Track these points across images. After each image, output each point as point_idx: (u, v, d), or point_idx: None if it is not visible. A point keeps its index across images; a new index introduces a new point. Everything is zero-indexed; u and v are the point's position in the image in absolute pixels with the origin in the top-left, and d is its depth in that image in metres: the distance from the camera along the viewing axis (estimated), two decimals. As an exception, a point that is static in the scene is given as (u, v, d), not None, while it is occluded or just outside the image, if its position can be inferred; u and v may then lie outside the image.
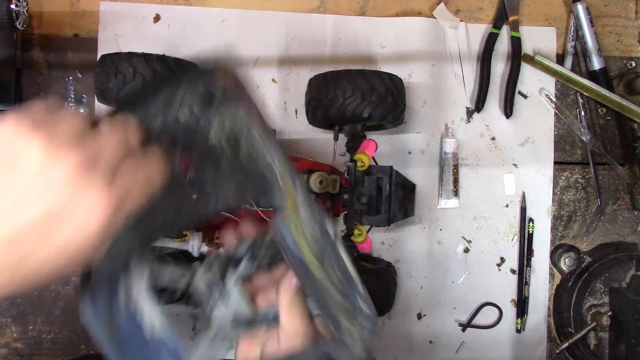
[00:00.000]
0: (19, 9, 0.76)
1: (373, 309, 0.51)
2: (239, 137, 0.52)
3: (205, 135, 0.51)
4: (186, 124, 0.50)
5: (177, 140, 0.51)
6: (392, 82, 0.83)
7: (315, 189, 0.81)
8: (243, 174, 0.53)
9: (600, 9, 1.02)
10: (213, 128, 0.51)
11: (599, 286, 0.97)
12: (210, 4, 0.95)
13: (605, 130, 1.02)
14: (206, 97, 0.50)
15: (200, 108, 0.50)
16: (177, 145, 0.51)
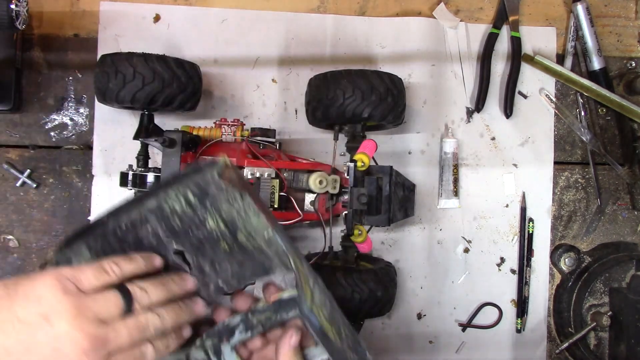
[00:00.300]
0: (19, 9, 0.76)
1: (370, 357, 0.57)
2: (237, 220, 0.55)
3: (203, 220, 0.55)
4: (182, 213, 0.55)
5: (174, 227, 0.56)
6: (392, 82, 0.83)
7: (315, 189, 0.81)
8: (243, 252, 0.57)
9: (600, 9, 1.02)
10: (210, 214, 0.55)
11: (599, 286, 0.97)
12: (210, 4, 0.95)
13: (605, 130, 1.02)
14: (200, 189, 0.55)
15: (195, 197, 0.55)
16: (175, 233, 0.56)
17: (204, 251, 0.57)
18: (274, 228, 0.54)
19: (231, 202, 0.55)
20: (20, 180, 0.91)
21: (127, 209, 0.56)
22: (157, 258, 0.56)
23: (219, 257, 0.57)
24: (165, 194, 0.55)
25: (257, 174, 0.80)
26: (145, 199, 0.56)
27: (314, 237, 0.95)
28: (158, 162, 0.83)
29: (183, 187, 0.55)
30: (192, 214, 0.55)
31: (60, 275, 0.48)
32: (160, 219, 0.56)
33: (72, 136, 0.93)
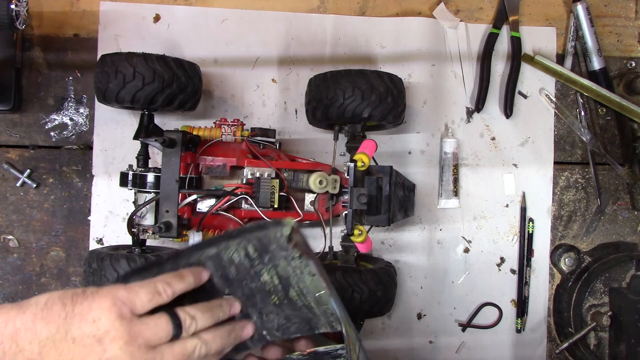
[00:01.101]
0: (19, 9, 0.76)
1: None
2: (291, 277, 0.58)
3: (258, 273, 0.58)
4: (239, 263, 0.58)
5: (229, 276, 0.58)
6: (392, 82, 0.83)
7: (315, 189, 0.81)
8: (292, 308, 0.59)
9: (600, 9, 1.02)
10: (266, 268, 0.58)
11: (599, 286, 0.97)
12: (210, 4, 0.95)
13: (605, 130, 1.02)
14: (262, 244, 0.57)
15: (255, 252, 0.57)
16: (228, 281, 0.59)
17: (254, 301, 0.60)
18: (330, 292, 0.57)
19: (288, 261, 0.57)
20: (20, 180, 0.91)
21: (188, 254, 0.58)
22: (204, 272, 0.58)
23: (268, 308, 0.60)
24: (227, 245, 0.58)
25: (257, 174, 0.80)
26: (206, 246, 0.58)
27: (314, 237, 0.95)
28: (158, 162, 0.83)
29: (245, 241, 0.57)
30: (249, 266, 0.58)
31: (116, 298, 0.49)
32: (217, 266, 0.59)
33: (72, 136, 0.93)
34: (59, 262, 0.92)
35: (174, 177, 0.75)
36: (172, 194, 0.75)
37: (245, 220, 0.81)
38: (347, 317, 0.58)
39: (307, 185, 0.81)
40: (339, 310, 0.57)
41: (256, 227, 0.57)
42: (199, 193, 0.79)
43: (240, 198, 0.79)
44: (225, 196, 0.78)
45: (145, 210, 0.79)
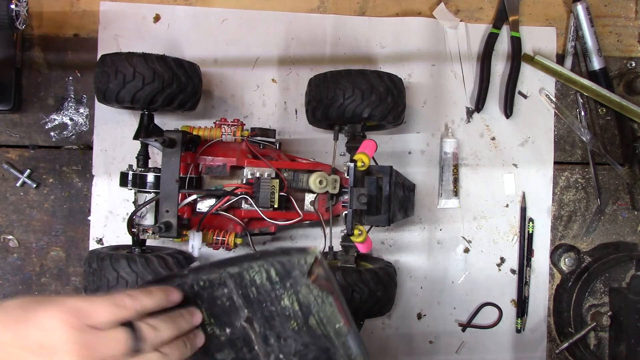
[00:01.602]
0: (19, 9, 0.76)
1: None
2: (312, 305, 0.58)
3: (279, 297, 0.58)
4: (261, 285, 0.58)
5: (250, 296, 0.59)
6: (392, 82, 0.83)
7: (315, 189, 0.81)
8: (310, 335, 0.59)
9: (600, 9, 1.02)
10: (288, 293, 0.58)
11: (599, 286, 0.97)
12: (210, 4, 0.95)
13: (605, 130, 1.02)
14: (285, 269, 0.57)
15: (277, 275, 0.58)
16: (249, 301, 0.59)
17: (272, 324, 0.60)
18: (349, 328, 0.58)
19: (310, 289, 0.58)
20: (20, 180, 0.91)
21: (209, 269, 0.58)
22: (175, 293, 0.57)
23: (286, 333, 0.60)
24: (249, 265, 0.58)
25: (257, 174, 0.80)
26: (228, 264, 0.58)
27: (314, 237, 0.95)
28: (158, 162, 0.83)
29: (268, 264, 0.58)
30: (270, 288, 0.58)
31: (72, 308, 0.48)
32: (238, 286, 0.59)
33: (72, 136, 0.93)
34: (59, 262, 0.92)
35: (174, 177, 0.75)
36: (172, 194, 0.75)
37: (245, 220, 0.81)
38: (364, 353, 0.58)
39: (307, 185, 0.81)
40: (356, 349, 0.58)
41: (280, 252, 0.58)
42: (199, 193, 0.80)
43: (240, 198, 0.79)
44: (225, 196, 0.78)
45: (145, 210, 0.79)
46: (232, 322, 0.60)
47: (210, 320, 0.60)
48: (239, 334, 0.60)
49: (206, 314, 0.60)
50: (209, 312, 0.60)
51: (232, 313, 0.60)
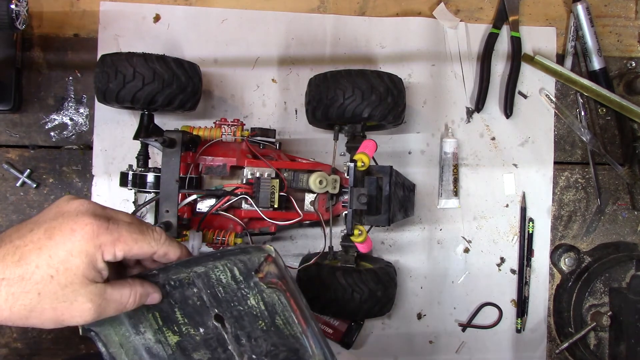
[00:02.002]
0: (19, 9, 0.76)
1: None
2: (277, 305, 0.59)
3: (245, 296, 0.59)
4: (227, 284, 0.59)
5: (218, 295, 0.59)
6: (392, 82, 0.83)
7: (315, 189, 0.81)
8: (279, 336, 0.60)
9: (600, 9, 1.02)
10: (252, 292, 0.59)
11: (599, 286, 0.97)
12: (210, 4, 0.95)
13: (605, 130, 1.02)
14: (247, 268, 0.58)
15: (241, 275, 0.58)
16: (218, 301, 0.60)
17: (242, 324, 0.61)
18: (306, 329, 0.58)
19: (277, 295, 0.59)
20: (20, 180, 0.91)
21: (177, 269, 0.58)
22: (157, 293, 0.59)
23: (256, 333, 0.60)
24: (214, 265, 0.59)
25: (257, 174, 0.80)
26: (194, 263, 0.59)
27: (314, 237, 0.95)
28: (158, 162, 0.83)
29: (231, 263, 0.58)
30: (236, 288, 0.59)
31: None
32: (206, 285, 0.59)
33: (72, 136, 0.93)
34: (59, 262, 0.92)
35: (174, 177, 0.75)
36: (172, 194, 0.75)
37: (245, 220, 0.81)
38: (325, 353, 0.58)
39: (307, 185, 0.81)
40: (312, 346, 0.58)
41: (239, 251, 0.58)
42: (199, 193, 0.79)
43: (240, 198, 0.79)
44: (225, 196, 0.78)
45: (145, 210, 0.79)
46: (204, 322, 0.60)
47: (185, 320, 0.60)
48: (212, 333, 0.61)
49: (180, 314, 0.60)
50: (182, 312, 0.60)
51: (203, 312, 0.60)
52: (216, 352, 0.61)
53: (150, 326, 0.60)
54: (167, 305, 0.59)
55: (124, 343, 0.60)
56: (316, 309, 0.84)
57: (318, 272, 0.82)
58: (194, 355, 0.61)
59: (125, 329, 0.60)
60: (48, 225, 0.51)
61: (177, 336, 0.61)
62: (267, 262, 0.57)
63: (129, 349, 0.60)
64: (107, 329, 0.59)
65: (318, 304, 0.82)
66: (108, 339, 0.59)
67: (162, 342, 0.61)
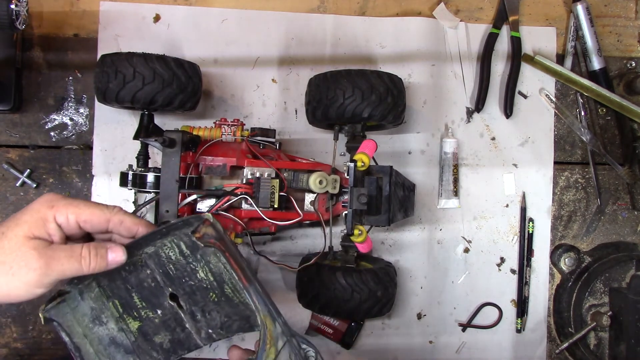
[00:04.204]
0: (19, 9, 0.76)
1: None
2: (223, 274, 0.61)
3: (194, 270, 0.61)
4: (176, 260, 0.60)
5: (170, 273, 0.61)
6: (392, 82, 0.83)
7: (315, 189, 0.81)
8: (230, 305, 0.62)
9: (600, 9, 1.02)
10: (200, 264, 0.61)
11: (599, 286, 0.97)
12: (210, 4, 0.95)
13: (605, 130, 1.02)
14: (192, 241, 0.60)
15: (188, 249, 0.60)
16: (170, 279, 0.61)
17: (195, 299, 0.62)
18: (248, 285, 0.59)
19: (218, 257, 0.60)
20: (20, 180, 0.91)
21: (129, 252, 0.59)
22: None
23: (209, 306, 0.62)
24: (162, 243, 0.60)
25: (257, 174, 0.80)
26: (144, 244, 0.60)
27: (314, 237, 0.95)
28: (158, 162, 0.83)
29: (177, 238, 0.60)
30: (185, 263, 0.61)
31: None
32: (157, 265, 0.61)
33: (72, 136, 0.93)
34: (59, 262, 0.92)
35: (174, 177, 0.75)
36: (172, 194, 0.75)
37: (245, 220, 0.81)
38: (270, 311, 0.59)
39: (307, 185, 0.81)
40: (256, 302, 0.58)
41: (182, 223, 0.59)
42: (199, 193, 0.79)
43: (240, 198, 0.79)
44: (225, 196, 0.78)
45: (145, 210, 0.79)
46: (161, 303, 0.62)
47: (143, 304, 0.61)
48: (170, 314, 0.62)
49: (137, 298, 0.61)
50: (140, 296, 0.61)
51: (159, 293, 0.61)
52: (175, 332, 0.62)
53: (111, 315, 0.61)
54: (124, 292, 0.61)
55: (88, 334, 0.61)
56: (316, 309, 0.84)
57: (318, 272, 0.82)
58: (155, 339, 0.62)
59: (88, 320, 0.61)
60: None
61: (138, 321, 0.62)
62: (205, 224, 0.59)
63: (93, 339, 0.61)
64: (69, 320, 0.60)
65: (318, 304, 0.82)
66: (71, 329, 0.60)
67: (125, 330, 0.62)
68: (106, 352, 0.61)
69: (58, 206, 0.54)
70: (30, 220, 0.53)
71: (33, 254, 0.51)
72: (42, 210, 0.53)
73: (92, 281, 0.60)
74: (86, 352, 0.60)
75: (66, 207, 0.54)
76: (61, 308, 0.59)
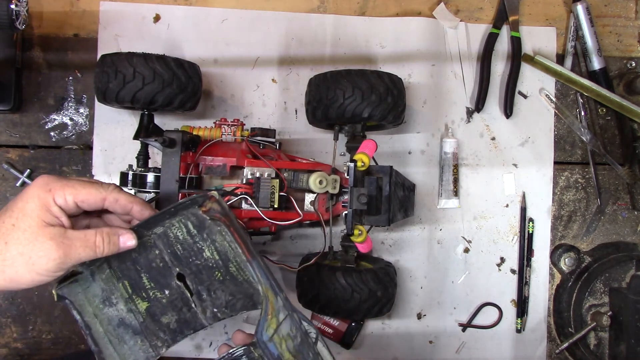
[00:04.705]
0: (19, 9, 0.76)
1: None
2: (228, 252, 0.62)
3: (201, 249, 0.62)
4: (184, 240, 0.62)
5: (177, 253, 0.62)
6: (392, 82, 0.83)
7: (315, 189, 0.81)
8: (234, 284, 0.64)
9: (600, 9, 1.02)
10: (206, 244, 0.62)
11: (599, 286, 0.97)
12: (210, 4, 0.95)
13: (605, 130, 1.02)
14: (199, 220, 0.62)
15: (195, 228, 0.62)
16: (177, 259, 0.63)
17: (201, 278, 0.64)
18: (251, 259, 0.60)
19: (223, 235, 0.62)
20: (20, 180, 0.91)
21: (138, 233, 0.60)
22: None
23: (215, 285, 0.64)
24: (170, 223, 0.62)
25: (257, 174, 0.80)
26: (152, 224, 0.61)
27: (314, 237, 0.95)
28: (158, 162, 0.83)
29: (185, 218, 0.62)
30: (192, 242, 0.62)
31: None
32: (166, 245, 0.62)
33: (72, 136, 0.93)
34: (59, 262, 0.92)
35: (174, 177, 0.75)
36: (172, 194, 0.75)
37: (245, 220, 0.81)
38: (272, 284, 0.60)
39: (307, 185, 0.81)
40: (258, 275, 0.59)
41: (190, 202, 0.61)
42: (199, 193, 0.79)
43: (240, 198, 0.79)
44: (225, 196, 0.78)
45: (145, 210, 0.79)
46: (168, 283, 0.63)
47: (151, 285, 0.63)
48: (176, 294, 0.63)
49: (146, 279, 0.63)
50: (148, 276, 0.63)
51: (166, 273, 0.63)
52: (182, 312, 0.64)
53: (121, 296, 0.62)
54: (134, 273, 0.62)
55: (98, 314, 0.62)
56: (316, 309, 0.84)
57: (318, 272, 0.82)
58: (162, 319, 0.63)
59: (98, 301, 0.62)
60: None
61: (146, 302, 0.63)
62: (211, 200, 0.61)
63: (103, 319, 0.62)
64: (81, 299, 0.61)
65: (318, 304, 0.82)
66: (82, 309, 0.61)
67: (134, 311, 0.63)
68: (115, 333, 0.62)
69: (55, 188, 0.55)
70: (36, 208, 0.54)
71: (52, 244, 0.53)
72: (41, 196, 0.54)
73: (103, 263, 0.61)
74: (96, 331, 0.61)
75: (63, 189, 0.55)
76: (73, 287, 0.61)
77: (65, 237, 0.54)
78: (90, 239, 0.55)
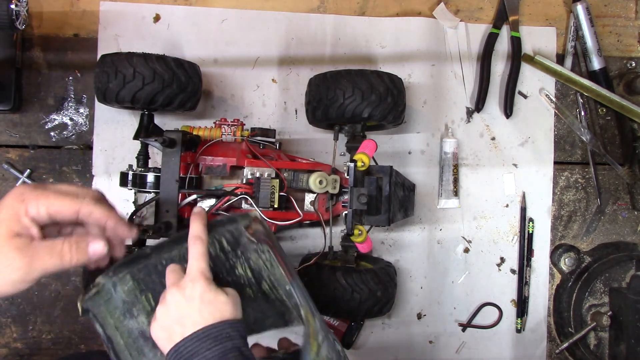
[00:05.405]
0: (19, 9, 0.76)
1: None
2: (263, 270, 0.61)
3: (233, 266, 0.61)
4: (216, 256, 0.61)
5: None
6: (392, 82, 0.83)
7: (315, 189, 0.81)
8: (265, 302, 0.63)
9: (600, 9, 1.02)
10: (240, 261, 0.61)
11: (599, 286, 0.97)
12: (210, 4, 0.95)
13: (605, 130, 1.02)
14: (234, 237, 0.61)
15: (229, 245, 0.61)
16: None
17: None
18: (292, 281, 0.60)
19: (259, 254, 0.61)
20: (20, 180, 0.91)
21: (169, 247, 0.60)
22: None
23: (244, 302, 0.61)
24: None
25: (257, 174, 0.80)
26: (185, 240, 0.60)
27: (314, 237, 0.95)
28: (158, 162, 0.83)
29: (219, 235, 0.61)
30: (224, 258, 0.61)
31: None
32: None
33: (72, 136, 0.93)
34: (59, 262, 0.92)
35: (174, 177, 0.75)
36: (172, 194, 0.75)
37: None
38: (309, 306, 0.60)
39: (307, 185, 0.81)
40: (299, 298, 0.59)
41: (227, 220, 0.61)
42: (199, 193, 0.79)
43: (240, 198, 0.79)
44: (225, 196, 0.78)
45: (145, 210, 0.79)
46: None
47: None
48: None
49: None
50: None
51: None
52: None
53: (143, 308, 0.60)
54: (159, 286, 0.60)
55: (119, 326, 0.60)
56: (316, 309, 0.84)
57: (318, 272, 0.82)
58: None
59: (119, 313, 0.60)
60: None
61: None
62: (255, 222, 0.61)
63: (124, 332, 0.61)
64: (102, 311, 0.60)
65: (318, 304, 0.81)
66: (105, 321, 0.60)
67: None
68: (135, 345, 0.60)
69: (29, 198, 0.53)
70: (6, 217, 0.52)
71: (16, 254, 0.51)
72: (14, 206, 0.53)
73: (126, 274, 0.60)
74: (117, 343, 0.60)
75: (37, 199, 0.53)
76: (96, 300, 0.60)
77: (31, 247, 0.52)
78: (56, 248, 0.53)
